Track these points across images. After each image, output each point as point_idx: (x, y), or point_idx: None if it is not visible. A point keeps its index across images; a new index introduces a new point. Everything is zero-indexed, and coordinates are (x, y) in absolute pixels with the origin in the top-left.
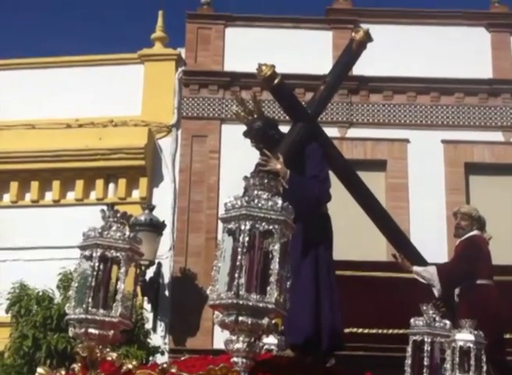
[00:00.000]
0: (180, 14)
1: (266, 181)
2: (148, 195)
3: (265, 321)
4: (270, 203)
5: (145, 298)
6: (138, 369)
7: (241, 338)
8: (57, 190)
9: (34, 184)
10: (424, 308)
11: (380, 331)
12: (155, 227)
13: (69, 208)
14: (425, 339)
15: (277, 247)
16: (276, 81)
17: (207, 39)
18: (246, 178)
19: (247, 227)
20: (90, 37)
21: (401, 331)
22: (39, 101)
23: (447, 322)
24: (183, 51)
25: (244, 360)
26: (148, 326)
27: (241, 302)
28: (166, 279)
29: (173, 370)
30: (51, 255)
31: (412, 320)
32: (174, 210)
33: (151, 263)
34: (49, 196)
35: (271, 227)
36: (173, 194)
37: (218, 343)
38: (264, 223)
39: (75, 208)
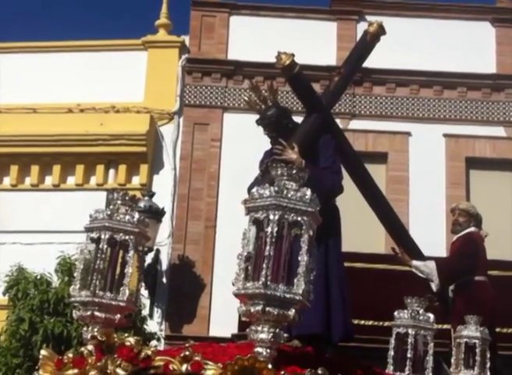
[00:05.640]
0: (185, 1)
1: (294, 172)
2: (148, 182)
3: (291, 312)
4: (299, 194)
5: (142, 284)
6: (157, 356)
7: (266, 329)
8: (57, 174)
9: (34, 168)
10: (409, 300)
11: (376, 323)
12: (155, 214)
13: (68, 192)
14: (409, 332)
15: (305, 238)
16: (295, 70)
17: (211, 27)
18: (273, 168)
19: (276, 217)
20: (95, 22)
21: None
22: (41, 86)
23: (431, 315)
24: (186, 39)
25: (268, 350)
26: (145, 312)
27: (269, 293)
28: (164, 266)
29: (197, 358)
30: (50, 239)
31: (396, 313)
32: (174, 197)
33: (150, 250)
34: (49, 180)
35: (299, 218)
36: (173, 182)
37: (214, 330)
38: (292, 214)
39: (75, 192)
